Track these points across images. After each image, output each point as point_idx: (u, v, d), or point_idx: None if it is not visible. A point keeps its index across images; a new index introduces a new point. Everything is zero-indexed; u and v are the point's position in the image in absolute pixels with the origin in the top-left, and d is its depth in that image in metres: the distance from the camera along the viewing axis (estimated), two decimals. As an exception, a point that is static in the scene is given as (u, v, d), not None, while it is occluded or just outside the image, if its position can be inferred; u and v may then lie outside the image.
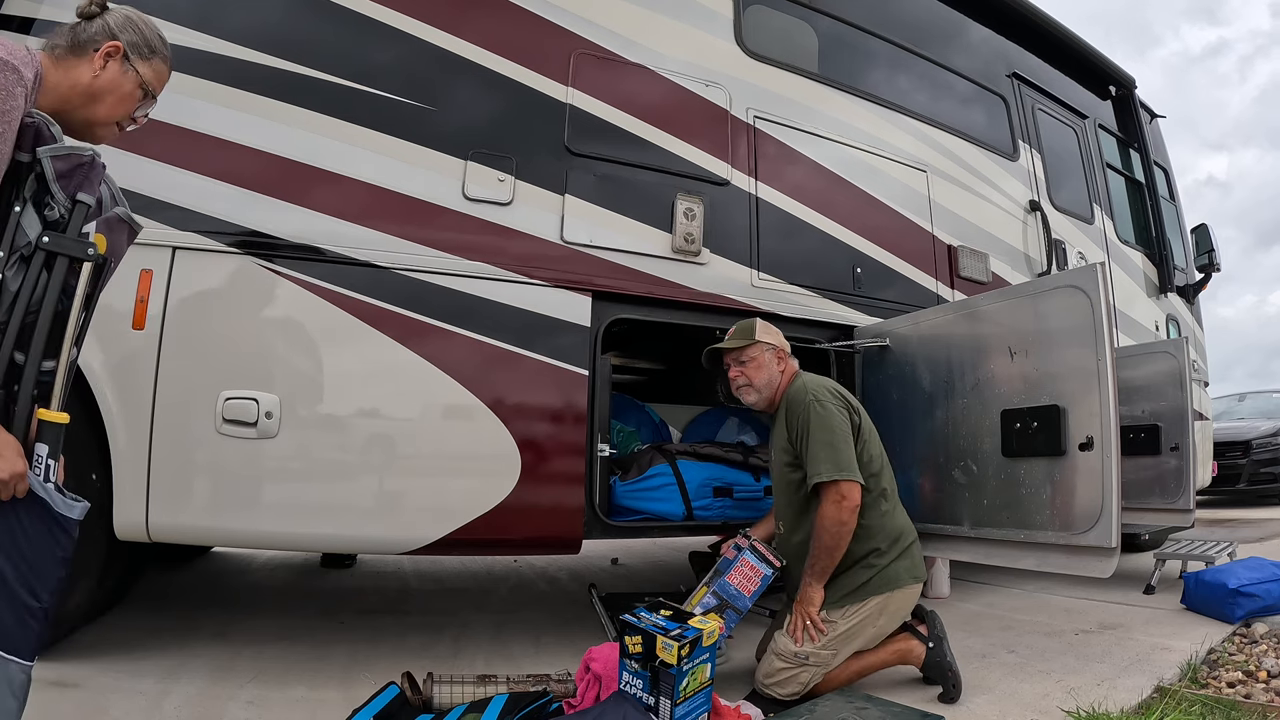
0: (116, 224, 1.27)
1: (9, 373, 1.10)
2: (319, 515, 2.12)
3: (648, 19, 2.75)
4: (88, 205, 1.18)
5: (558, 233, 2.42)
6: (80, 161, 1.17)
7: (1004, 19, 4.03)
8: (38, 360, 1.13)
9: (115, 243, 1.27)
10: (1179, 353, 3.42)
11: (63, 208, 1.15)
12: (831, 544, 2.04)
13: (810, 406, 2.13)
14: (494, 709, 1.72)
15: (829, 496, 2.04)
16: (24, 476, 1.09)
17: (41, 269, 1.13)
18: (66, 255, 1.15)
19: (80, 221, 1.17)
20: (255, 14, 2.25)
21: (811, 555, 2.07)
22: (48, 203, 1.14)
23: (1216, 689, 2.05)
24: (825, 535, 2.03)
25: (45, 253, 1.13)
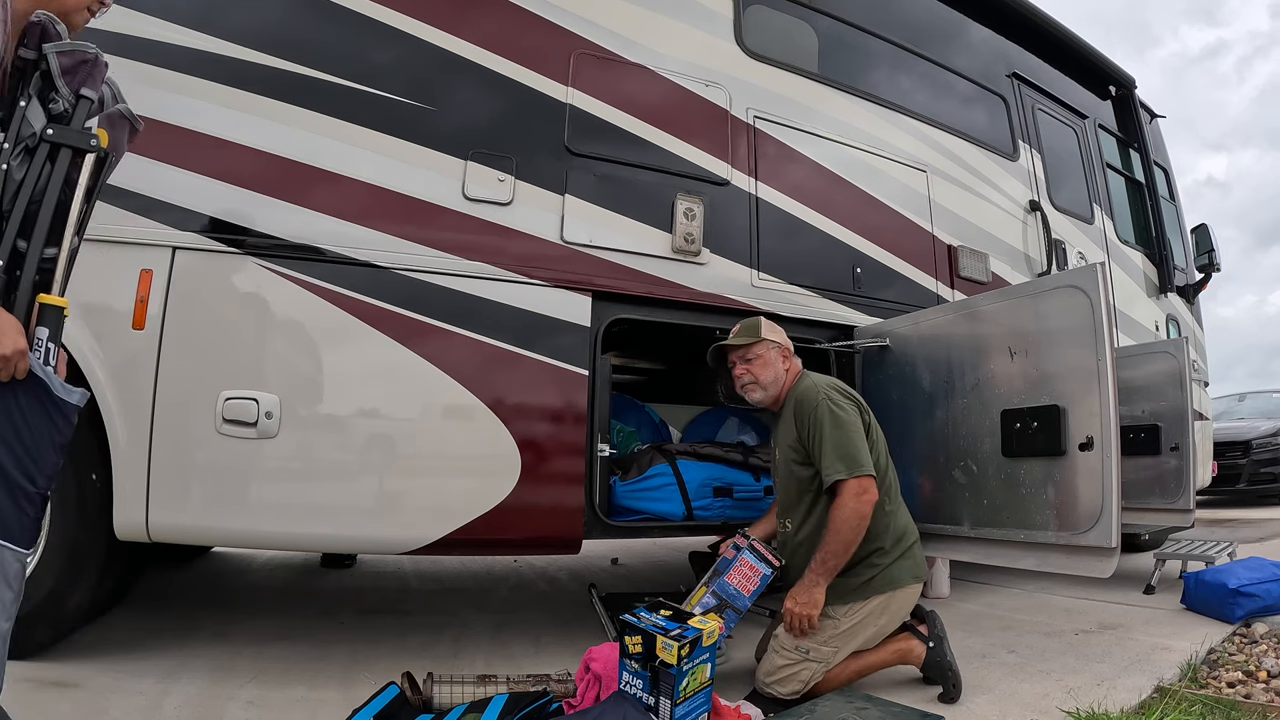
0: (118, 120, 1.31)
1: (12, 259, 1.13)
2: (319, 515, 2.12)
3: (648, 19, 2.75)
4: (91, 100, 1.22)
5: (558, 233, 2.42)
6: (84, 58, 1.21)
7: (1004, 19, 4.03)
8: (40, 247, 1.16)
9: (116, 138, 1.31)
10: (1179, 353, 3.42)
11: (67, 102, 1.19)
12: (850, 539, 2.01)
13: (823, 405, 2.13)
14: (494, 709, 1.72)
15: (849, 490, 2.01)
16: (25, 354, 1.10)
17: (45, 160, 1.17)
18: (70, 147, 1.19)
19: (84, 116, 1.21)
20: (255, 14, 2.25)
21: (823, 550, 2.03)
22: (52, 98, 1.18)
23: (1216, 689, 2.05)
24: (845, 529, 2.00)
25: (49, 145, 1.17)
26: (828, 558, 2.02)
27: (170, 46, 2.14)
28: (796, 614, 2.01)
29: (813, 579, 2.03)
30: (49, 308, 1.17)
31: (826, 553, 2.02)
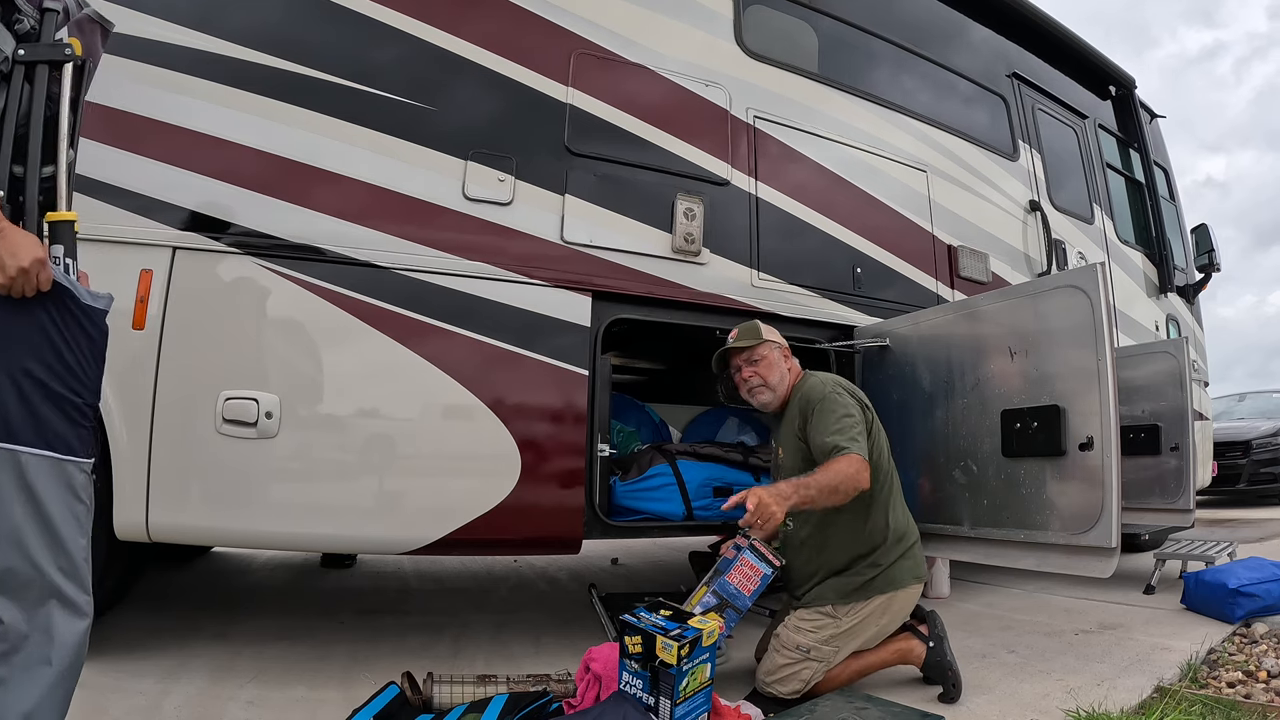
0: (88, 24, 1.29)
1: (12, 186, 1.13)
2: (319, 515, 2.12)
3: (648, 19, 2.75)
4: (56, 12, 1.20)
5: (558, 233, 2.42)
6: None
7: (1004, 19, 4.03)
8: (37, 168, 1.16)
9: (90, 43, 1.29)
10: (1179, 353, 3.42)
11: (31, 19, 1.18)
12: (834, 485, 1.93)
13: (830, 395, 2.14)
14: (494, 709, 1.72)
15: (853, 460, 1.96)
16: (46, 263, 1.10)
17: (24, 81, 1.15)
18: (45, 61, 1.17)
19: (52, 28, 1.19)
20: (255, 14, 2.25)
21: (809, 477, 1.94)
22: (16, 19, 1.16)
23: (1216, 689, 2.05)
24: (834, 478, 1.93)
25: (24, 65, 1.15)
26: (809, 486, 1.92)
27: (170, 46, 2.14)
28: (765, 502, 1.83)
29: (788, 492, 1.89)
30: (59, 224, 1.17)
31: (811, 481, 1.93)
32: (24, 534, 1.10)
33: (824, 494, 1.94)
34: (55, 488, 1.13)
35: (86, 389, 1.17)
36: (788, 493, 1.90)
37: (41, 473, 1.11)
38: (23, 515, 1.10)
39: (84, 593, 1.19)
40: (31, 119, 1.15)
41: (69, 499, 1.15)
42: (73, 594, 1.17)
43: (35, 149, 1.16)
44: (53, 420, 1.12)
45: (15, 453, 1.09)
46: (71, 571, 1.16)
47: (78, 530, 1.16)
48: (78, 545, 1.16)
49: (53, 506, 1.12)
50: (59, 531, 1.13)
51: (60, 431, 1.13)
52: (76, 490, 1.16)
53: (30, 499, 1.10)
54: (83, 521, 1.17)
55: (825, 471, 1.96)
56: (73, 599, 1.17)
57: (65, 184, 1.19)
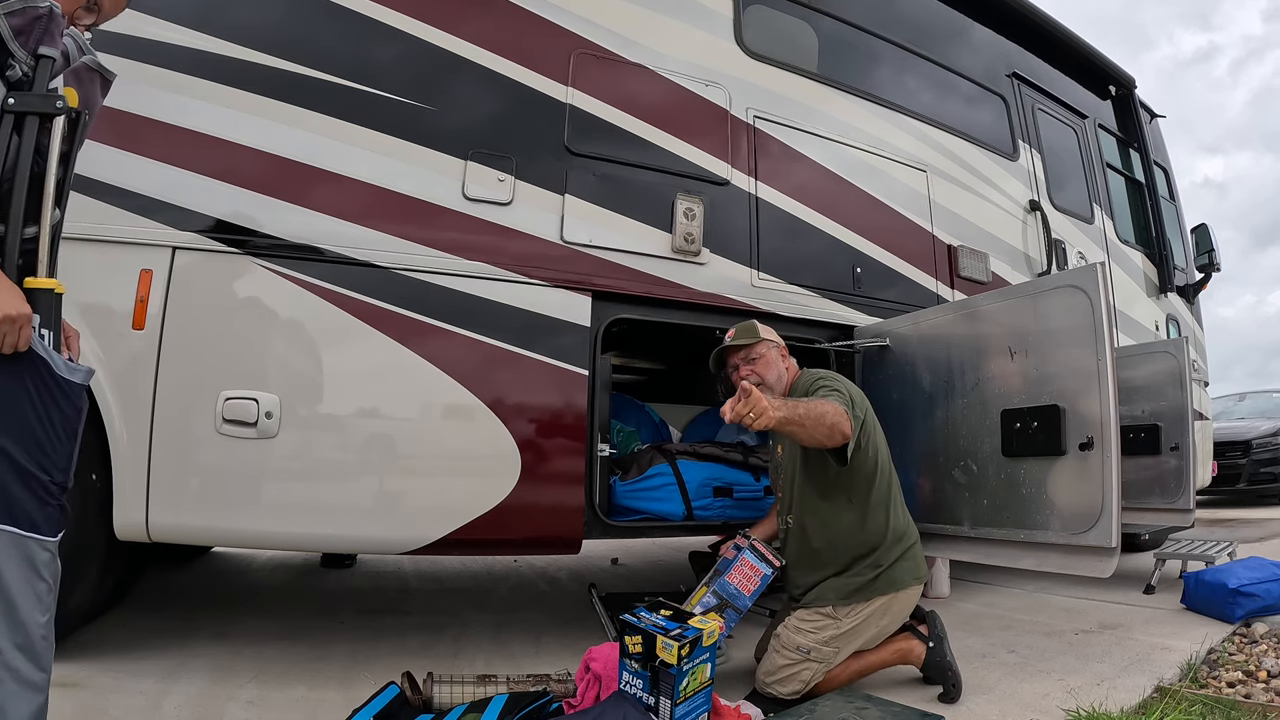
0: (86, 74, 1.22)
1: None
2: (319, 515, 2.12)
3: (648, 19, 2.75)
4: (51, 59, 1.12)
5: (558, 233, 2.42)
6: (37, 14, 1.11)
7: (1004, 19, 4.03)
8: (19, 228, 1.09)
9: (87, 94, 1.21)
10: (1179, 353, 3.42)
11: (25, 66, 1.10)
12: (820, 414, 1.88)
13: (820, 379, 2.17)
14: (494, 709, 1.72)
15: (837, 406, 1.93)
16: (30, 319, 1.05)
17: (11, 132, 1.08)
18: (35, 113, 1.09)
19: (46, 77, 1.12)
20: (255, 14, 2.25)
21: (798, 400, 1.94)
22: (9, 64, 1.09)
23: (1216, 689, 2.05)
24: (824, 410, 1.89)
25: (13, 115, 1.08)
26: (799, 406, 1.88)
27: (170, 46, 2.14)
28: (759, 398, 1.74)
29: (779, 404, 1.82)
30: (38, 292, 1.10)
31: (800, 403, 1.90)
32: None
33: (812, 419, 1.88)
34: (15, 564, 1.09)
35: (56, 467, 1.13)
36: (779, 404, 1.83)
37: (2, 548, 1.08)
38: None
39: (39, 670, 1.14)
40: (18, 173, 1.08)
41: (29, 575, 1.11)
42: (28, 672, 1.12)
43: (18, 207, 1.08)
44: (19, 496, 1.09)
45: None
46: (28, 648, 1.11)
47: (37, 607, 1.12)
48: (35, 623, 1.12)
49: (12, 582, 1.09)
50: (17, 608, 1.10)
51: (26, 508, 1.09)
52: (38, 567, 1.12)
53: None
54: (44, 599, 1.13)
55: (816, 400, 1.94)
56: (28, 677, 1.12)
57: (47, 247, 1.12)
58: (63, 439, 1.14)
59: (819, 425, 1.89)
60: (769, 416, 1.73)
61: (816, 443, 1.95)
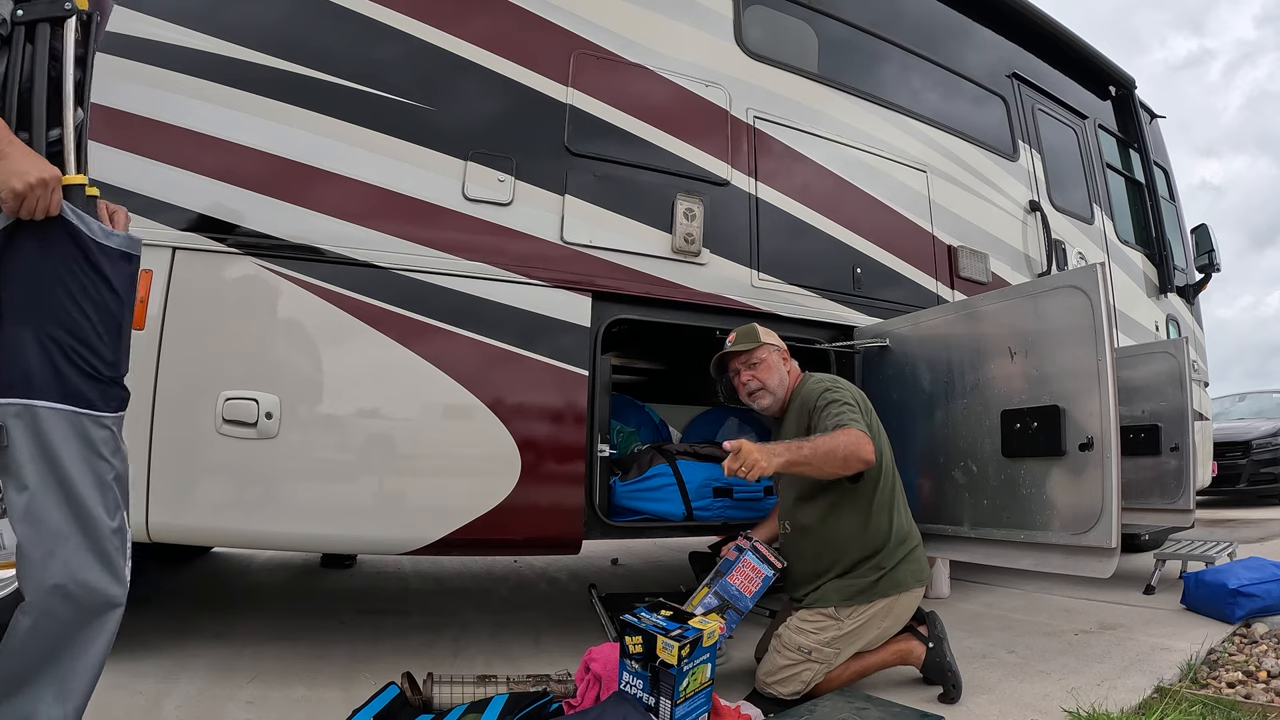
0: None
1: None
2: (319, 515, 2.12)
3: (648, 19, 2.75)
4: None
5: (558, 233, 2.42)
6: None
7: (1004, 19, 4.03)
8: (43, 132, 1.11)
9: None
10: (1179, 353, 3.42)
11: None
12: (829, 450, 1.90)
13: (827, 391, 2.15)
14: (494, 709, 1.72)
15: (853, 432, 1.94)
16: (58, 182, 1.06)
17: (25, 43, 1.09)
18: (45, 19, 1.11)
19: None
20: (255, 14, 2.25)
21: (802, 441, 1.93)
22: None
23: (1216, 689, 2.05)
24: (833, 443, 1.90)
25: (24, 26, 1.09)
26: (804, 448, 1.90)
27: (170, 46, 2.14)
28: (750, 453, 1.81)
29: (780, 449, 1.88)
30: (70, 188, 1.12)
31: (806, 444, 1.91)
32: (42, 504, 1.07)
33: (820, 456, 1.91)
34: (74, 444, 1.09)
35: (105, 343, 1.13)
36: (779, 450, 1.88)
37: (55, 428, 1.07)
38: (39, 480, 1.07)
39: (113, 578, 1.12)
40: (35, 81, 1.10)
41: (88, 454, 1.10)
42: (98, 581, 1.11)
43: (40, 112, 1.10)
44: (70, 375, 1.09)
45: (32, 407, 1.06)
46: (99, 550, 1.10)
47: (101, 499, 1.11)
48: (102, 521, 1.11)
49: (71, 467, 1.08)
50: (82, 499, 1.09)
51: (79, 387, 1.09)
52: (96, 445, 1.11)
53: (47, 459, 1.07)
54: (107, 480, 1.12)
55: (825, 437, 1.95)
56: (98, 587, 1.11)
57: (74, 146, 1.14)
58: (110, 312, 1.14)
59: (828, 461, 1.92)
60: (761, 469, 1.81)
61: (830, 475, 1.97)
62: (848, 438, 1.94)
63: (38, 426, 1.07)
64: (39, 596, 1.07)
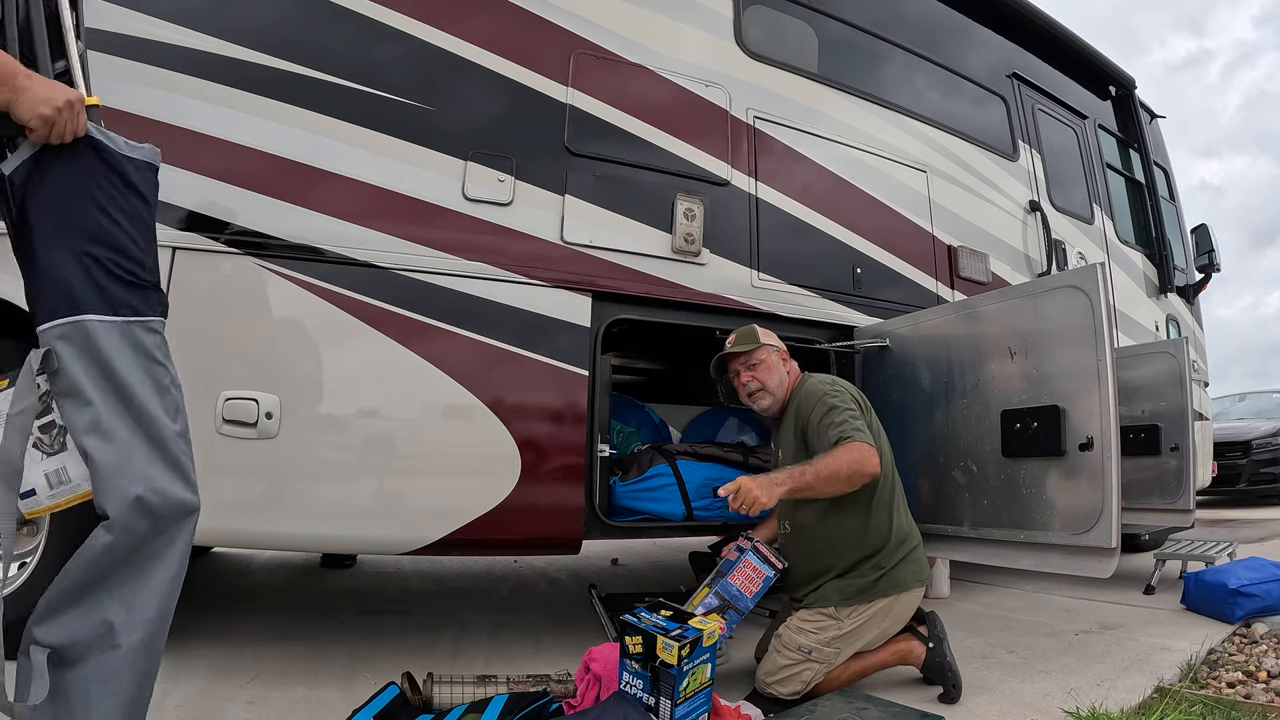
0: None
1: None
2: (319, 515, 2.12)
3: (648, 19, 2.75)
4: None
5: (558, 233, 2.42)
6: None
7: (1004, 19, 4.03)
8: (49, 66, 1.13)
9: None
10: (1179, 353, 3.42)
11: None
12: (833, 472, 1.91)
13: (826, 395, 2.14)
14: (494, 709, 1.72)
15: (856, 446, 1.95)
16: (83, 104, 1.08)
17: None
18: None
19: None
20: (255, 14, 2.25)
21: (807, 466, 1.93)
22: None
23: (1216, 689, 2.05)
24: (836, 463, 1.91)
25: None
26: (807, 473, 1.92)
27: (170, 46, 2.14)
28: (749, 489, 1.86)
29: (781, 478, 1.92)
30: (89, 109, 1.14)
31: (809, 468, 1.93)
32: (107, 417, 1.08)
33: (823, 480, 1.93)
34: (127, 353, 1.10)
35: (142, 249, 1.15)
36: (780, 479, 1.92)
37: (108, 339, 1.09)
38: (100, 394, 1.08)
39: (184, 484, 1.15)
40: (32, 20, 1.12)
41: (144, 362, 1.12)
42: (171, 489, 1.13)
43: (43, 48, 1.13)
44: (111, 288, 1.11)
45: (81, 323, 1.07)
46: (168, 458, 1.12)
47: (161, 403, 1.12)
48: (167, 425, 1.12)
49: (129, 376, 1.10)
50: (142, 406, 1.10)
51: (123, 297, 1.11)
52: (150, 351, 1.13)
53: (104, 372, 1.08)
54: (164, 385, 1.14)
55: (827, 458, 1.95)
56: (173, 495, 1.13)
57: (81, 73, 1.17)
58: (144, 219, 1.17)
59: (833, 484, 1.93)
60: (762, 504, 1.87)
61: (837, 494, 1.97)
62: (850, 455, 1.94)
63: (90, 342, 1.08)
64: (120, 512, 1.09)
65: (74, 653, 1.06)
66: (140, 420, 1.11)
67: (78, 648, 1.06)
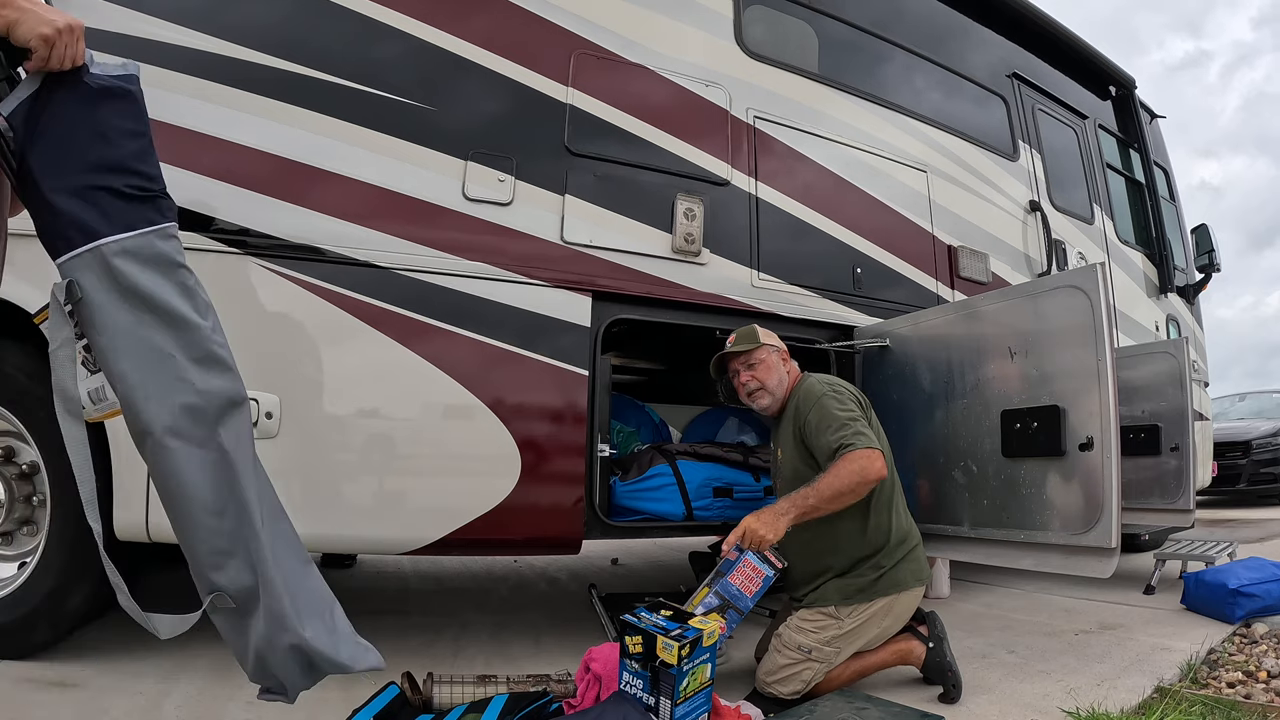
0: None
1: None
2: (319, 515, 2.12)
3: (648, 19, 2.74)
4: None
5: (558, 233, 2.42)
6: None
7: (1004, 19, 4.03)
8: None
9: None
10: (1179, 353, 3.42)
11: None
12: (841, 489, 1.92)
13: (826, 397, 2.14)
14: (494, 709, 1.72)
15: (858, 454, 1.95)
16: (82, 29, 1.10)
17: None
18: None
19: None
20: (255, 14, 2.25)
21: (810, 488, 1.95)
22: None
23: (1216, 689, 2.05)
24: (838, 481, 1.92)
25: None
26: (810, 497, 1.94)
27: (170, 46, 2.14)
28: (754, 530, 1.91)
29: (785, 508, 1.94)
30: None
31: (811, 491, 1.94)
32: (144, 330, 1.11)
33: (827, 500, 1.95)
34: (151, 270, 1.12)
35: (143, 162, 1.18)
36: (783, 509, 1.95)
37: (137, 252, 1.11)
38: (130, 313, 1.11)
39: (226, 371, 1.19)
40: None
41: (167, 269, 1.14)
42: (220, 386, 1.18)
43: None
44: (123, 208, 1.13)
45: (99, 248, 1.09)
46: (199, 346, 1.16)
47: (189, 302, 1.16)
48: (200, 325, 1.16)
49: (153, 288, 1.12)
50: (173, 310, 1.13)
51: (140, 211, 1.14)
52: (171, 255, 1.15)
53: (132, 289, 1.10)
54: (189, 284, 1.17)
55: (828, 476, 1.96)
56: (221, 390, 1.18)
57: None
58: (142, 134, 1.20)
59: (839, 500, 1.95)
60: (769, 542, 1.92)
61: (845, 506, 1.98)
62: (851, 467, 1.94)
63: (109, 264, 1.10)
64: (170, 423, 1.14)
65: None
66: (173, 326, 1.14)
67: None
